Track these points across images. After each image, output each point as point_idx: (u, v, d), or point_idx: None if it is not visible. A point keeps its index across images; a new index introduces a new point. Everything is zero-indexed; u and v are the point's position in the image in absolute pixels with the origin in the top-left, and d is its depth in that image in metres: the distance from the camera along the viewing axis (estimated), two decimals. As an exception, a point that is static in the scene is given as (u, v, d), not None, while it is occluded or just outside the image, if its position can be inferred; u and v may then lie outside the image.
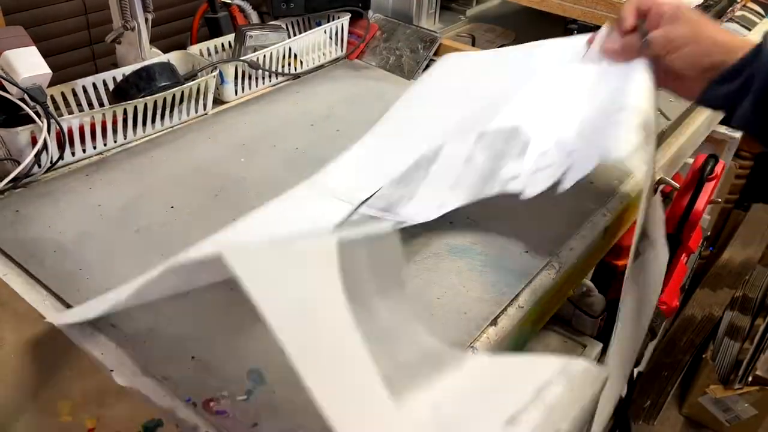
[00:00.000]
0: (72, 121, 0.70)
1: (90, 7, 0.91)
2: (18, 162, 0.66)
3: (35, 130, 0.67)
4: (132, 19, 0.79)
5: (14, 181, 0.66)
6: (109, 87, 0.77)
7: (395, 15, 1.11)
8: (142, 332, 0.53)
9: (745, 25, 1.20)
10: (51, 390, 0.48)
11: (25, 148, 0.67)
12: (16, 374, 0.49)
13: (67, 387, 0.48)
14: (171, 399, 0.48)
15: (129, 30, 0.79)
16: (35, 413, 0.46)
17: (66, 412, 0.47)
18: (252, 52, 0.87)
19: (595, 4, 0.96)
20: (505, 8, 1.22)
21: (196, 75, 0.83)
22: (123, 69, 0.78)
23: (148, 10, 0.79)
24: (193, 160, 0.75)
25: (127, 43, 0.81)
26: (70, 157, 0.71)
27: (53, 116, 0.67)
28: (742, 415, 1.55)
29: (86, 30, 0.92)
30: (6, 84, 0.65)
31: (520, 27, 1.14)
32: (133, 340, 0.52)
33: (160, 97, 0.76)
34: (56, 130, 0.68)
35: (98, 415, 0.46)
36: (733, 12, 1.17)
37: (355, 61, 1.02)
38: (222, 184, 0.71)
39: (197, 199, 0.68)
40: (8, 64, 0.65)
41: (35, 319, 0.53)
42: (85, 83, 0.75)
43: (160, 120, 0.78)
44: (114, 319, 0.54)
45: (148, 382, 0.49)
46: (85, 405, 0.47)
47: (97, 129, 0.72)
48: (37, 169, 0.69)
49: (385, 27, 1.08)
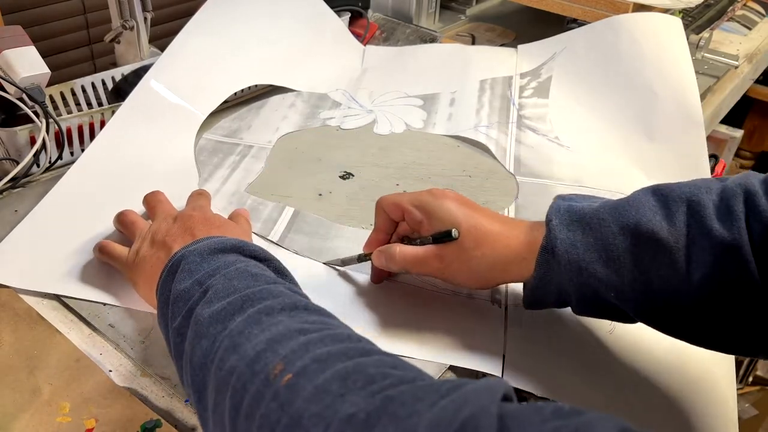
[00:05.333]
0: (71, 121, 0.70)
1: (89, 6, 0.91)
2: (17, 162, 0.66)
3: (34, 130, 0.67)
4: (131, 18, 0.78)
5: (13, 180, 0.66)
6: (108, 86, 0.77)
7: (395, 14, 1.11)
8: (141, 332, 0.53)
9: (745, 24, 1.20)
10: (50, 390, 0.48)
11: (24, 148, 0.67)
12: (15, 374, 0.49)
13: (66, 387, 0.48)
14: (170, 399, 0.48)
15: (128, 29, 0.79)
16: (34, 413, 0.46)
17: (65, 412, 0.46)
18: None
19: (595, 3, 0.95)
20: (505, 8, 1.22)
21: (195, 74, 0.82)
22: (122, 68, 0.78)
23: (147, 10, 0.79)
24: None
25: (126, 43, 0.81)
26: (68, 157, 0.71)
27: (52, 116, 0.67)
28: (743, 415, 1.55)
29: (85, 29, 0.92)
30: (5, 84, 0.65)
31: (520, 26, 1.14)
32: (133, 340, 0.52)
33: (159, 97, 0.76)
34: (55, 129, 0.68)
35: (97, 415, 0.46)
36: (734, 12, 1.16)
37: (354, 61, 1.01)
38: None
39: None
40: (7, 63, 0.65)
41: (34, 319, 0.53)
42: (84, 83, 0.75)
43: (160, 120, 0.78)
44: (113, 319, 0.54)
45: (147, 382, 0.49)
46: (85, 405, 0.47)
47: (96, 129, 0.72)
48: (36, 168, 0.68)
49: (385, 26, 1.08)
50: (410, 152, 0.78)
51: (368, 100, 0.88)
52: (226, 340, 0.38)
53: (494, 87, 0.90)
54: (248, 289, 0.41)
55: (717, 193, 0.44)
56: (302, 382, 0.33)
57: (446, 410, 0.27)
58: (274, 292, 0.42)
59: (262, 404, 0.33)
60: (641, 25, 0.86)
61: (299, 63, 0.90)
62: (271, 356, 0.36)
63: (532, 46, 0.97)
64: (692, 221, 0.43)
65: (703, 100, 0.93)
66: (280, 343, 0.36)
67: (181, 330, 0.42)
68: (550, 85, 0.89)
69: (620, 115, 0.82)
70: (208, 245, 0.46)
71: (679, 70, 0.81)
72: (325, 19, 0.95)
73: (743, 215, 0.42)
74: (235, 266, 0.44)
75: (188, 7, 1.03)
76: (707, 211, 0.43)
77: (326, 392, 0.32)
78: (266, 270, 0.46)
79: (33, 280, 0.56)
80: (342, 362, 0.34)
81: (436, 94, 0.89)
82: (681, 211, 0.44)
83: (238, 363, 0.36)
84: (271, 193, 0.69)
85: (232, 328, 0.39)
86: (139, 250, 0.53)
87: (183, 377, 0.42)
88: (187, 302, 0.43)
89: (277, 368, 0.34)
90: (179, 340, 0.42)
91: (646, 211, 0.44)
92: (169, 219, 0.54)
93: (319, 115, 0.84)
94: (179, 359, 0.42)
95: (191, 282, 0.44)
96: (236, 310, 0.40)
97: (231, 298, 0.41)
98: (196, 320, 0.41)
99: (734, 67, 1.05)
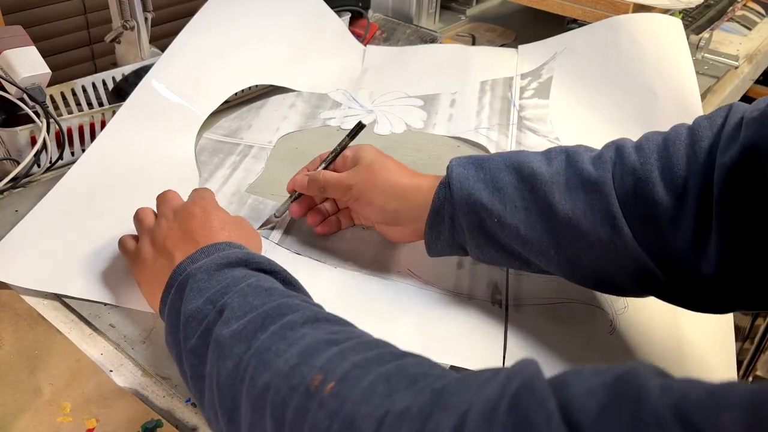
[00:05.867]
0: (71, 121, 0.70)
1: (89, 6, 0.91)
2: (17, 162, 0.66)
3: (34, 130, 0.67)
4: (131, 18, 0.78)
5: (13, 180, 0.66)
6: (109, 87, 0.77)
7: (395, 15, 1.11)
8: (142, 332, 0.53)
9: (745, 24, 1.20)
10: (51, 390, 0.48)
11: (25, 148, 0.67)
12: (15, 374, 0.49)
13: (67, 387, 0.48)
14: (170, 399, 0.48)
15: (128, 29, 0.79)
16: (35, 413, 0.46)
17: (66, 412, 0.47)
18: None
19: (595, 3, 0.96)
20: (505, 8, 1.22)
21: (195, 75, 0.82)
22: (122, 69, 0.78)
23: (147, 10, 0.79)
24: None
25: (126, 43, 0.81)
26: (69, 157, 0.71)
27: (52, 116, 0.67)
28: (743, 414, 1.55)
29: (86, 29, 0.92)
30: (5, 84, 0.65)
31: (520, 27, 1.14)
32: (133, 340, 0.52)
33: (159, 97, 0.76)
34: (55, 129, 0.68)
35: (98, 415, 0.46)
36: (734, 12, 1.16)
37: (355, 61, 1.01)
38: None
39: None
40: (7, 63, 0.65)
41: (35, 319, 0.53)
42: (85, 83, 0.75)
43: (160, 120, 0.78)
44: (114, 319, 0.54)
45: (148, 382, 0.49)
46: (85, 405, 0.47)
47: (97, 129, 0.72)
48: (37, 168, 0.69)
49: (385, 27, 1.08)
50: (410, 152, 0.78)
51: (368, 100, 0.88)
52: (254, 359, 0.38)
53: (495, 88, 0.90)
54: (265, 305, 0.41)
55: (593, 150, 0.52)
56: (346, 388, 0.34)
57: (495, 389, 0.28)
58: (292, 306, 0.42)
59: (309, 416, 0.33)
60: (641, 25, 0.86)
61: (299, 63, 0.90)
62: (306, 369, 0.36)
63: (533, 47, 0.97)
64: (568, 165, 0.51)
65: (703, 101, 0.93)
66: (313, 356, 0.36)
67: (199, 351, 0.42)
68: (550, 85, 0.89)
69: (621, 116, 0.82)
70: (214, 261, 0.46)
71: (680, 70, 0.81)
72: (326, 19, 0.95)
73: (611, 161, 0.49)
74: (246, 282, 0.44)
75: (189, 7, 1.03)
76: (582, 157, 0.51)
77: (373, 393, 0.33)
78: (276, 283, 0.46)
79: (33, 279, 0.56)
80: (381, 366, 0.35)
81: (437, 95, 0.89)
82: (560, 159, 0.51)
83: (272, 379, 0.36)
84: (272, 193, 0.69)
85: (257, 347, 0.39)
86: (141, 247, 0.53)
87: (204, 399, 0.41)
88: (201, 322, 0.42)
89: (317, 379, 0.35)
90: (197, 362, 0.42)
91: (530, 156, 0.53)
92: (169, 216, 0.54)
93: (319, 115, 0.84)
94: (198, 381, 0.42)
95: (203, 301, 0.43)
96: (258, 328, 0.40)
97: (250, 316, 0.41)
98: (216, 341, 0.41)
99: (734, 67, 1.05)
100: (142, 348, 0.52)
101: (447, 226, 0.54)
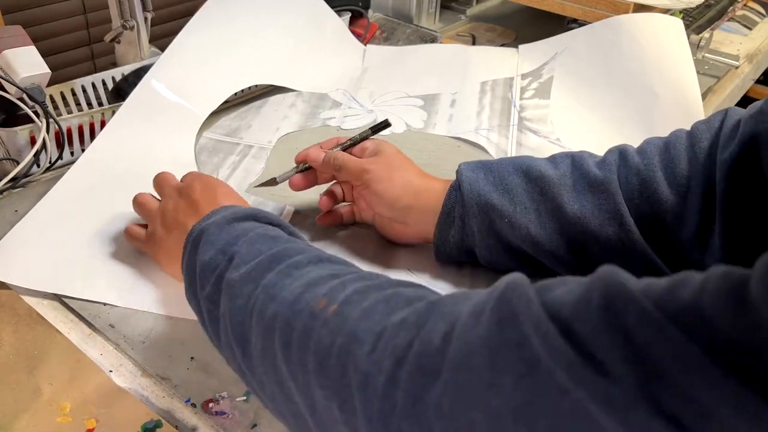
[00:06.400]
0: (71, 121, 0.70)
1: (89, 6, 0.91)
2: (17, 162, 0.66)
3: (34, 130, 0.67)
4: (131, 18, 0.78)
5: (13, 180, 0.66)
6: (108, 86, 0.77)
7: (395, 14, 1.11)
8: (141, 332, 0.53)
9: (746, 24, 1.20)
10: (50, 390, 0.48)
11: (24, 148, 0.67)
12: (15, 374, 0.49)
13: (67, 387, 0.48)
14: (170, 400, 0.48)
15: (128, 29, 0.79)
16: (35, 413, 0.46)
17: (66, 413, 0.47)
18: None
19: (595, 3, 0.95)
20: (505, 8, 1.22)
21: (195, 74, 0.82)
22: (122, 68, 0.78)
23: (147, 10, 0.79)
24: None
25: (126, 43, 0.81)
26: (69, 157, 0.71)
27: (52, 116, 0.67)
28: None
29: (85, 29, 0.92)
30: (5, 83, 0.65)
31: (521, 26, 1.14)
32: (133, 340, 0.52)
33: (159, 97, 0.76)
34: (55, 129, 0.68)
35: (98, 415, 0.46)
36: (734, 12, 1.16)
37: (355, 61, 1.01)
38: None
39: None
40: (7, 63, 0.65)
41: (35, 319, 0.53)
42: (84, 83, 0.75)
43: (160, 119, 0.78)
44: (113, 319, 0.54)
45: (148, 382, 0.49)
46: (85, 405, 0.47)
47: (97, 129, 0.72)
48: (36, 168, 0.68)
49: (385, 26, 1.08)
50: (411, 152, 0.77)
51: (368, 100, 0.88)
52: (262, 295, 0.40)
53: (495, 89, 0.90)
54: (271, 249, 0.44)
55: (596, 155, 0.55)
56: (349, 309, 0.36)
57: (483, 296, 0.31)
58: (297, 249, 0.44)
59: (314, 333, 0.36)
60: (642, 25, 0.86)
61: (299, 63, 0.90)
62: (310, 296, 0.38)
63: (534, 47, 0.97)
64: (574, 168, 0.53)
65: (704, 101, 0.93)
66: (317, 286, 0.39)
67: (213, 297, 0.44)
68: (551, 86, 0.89)
69: (622, 116, 0.82)
70: (224, 216, 0.48)
71: (680, 70, 0.81)
72: (326, 18, 0.95)
73: (615, 164, 0.52)
74: (254, 231, 0.46)
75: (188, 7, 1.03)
76: (586, 161, 0.53)
77: (374, 312, 0.35)
78: (281, 232, 0.48)
79: (33, 279, 0.56)
80: (381, 291, 0.37)
81: (437, 95, 0.89)
82: (565, 163, 0.54)
83: (278, 308, 0.39)
84: (272, 193, 0.69)
85: (264, 284, 0.41)
86: (155, 230, 0.55)
87: (220, 341, 0.43)
88: (214, 271, 0.44)
89: (321, 303, 0.37)
90: (212, 307, 0.44)
91: (536, 160, 0.55)
92: (174, 195, 0.56)
93: (319, 115, 0.84)
94: (214, 324, 0.44)
95: (215, 252, 0.45)
96: (265, 269, 0.42)
97: (258, 260, 0.43)
98: (227, 284, 0.43)
99: (735, 67, 1.05)
100: (142, 348, 0.52)
101: (457, 228, 0.56)
